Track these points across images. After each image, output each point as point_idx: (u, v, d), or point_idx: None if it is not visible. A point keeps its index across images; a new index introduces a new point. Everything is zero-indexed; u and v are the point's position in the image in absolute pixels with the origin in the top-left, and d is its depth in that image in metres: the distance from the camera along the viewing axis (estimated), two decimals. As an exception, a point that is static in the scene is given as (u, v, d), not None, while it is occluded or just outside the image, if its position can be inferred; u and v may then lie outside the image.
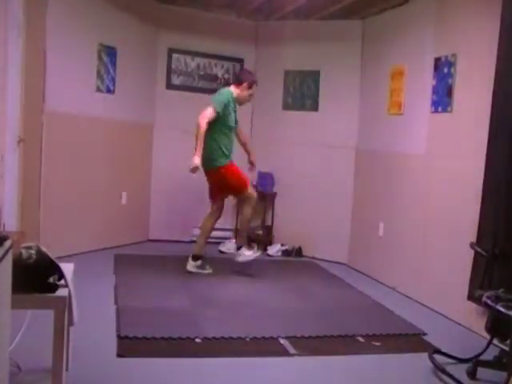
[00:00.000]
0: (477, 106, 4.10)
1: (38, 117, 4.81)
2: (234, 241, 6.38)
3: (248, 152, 5.52)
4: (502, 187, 3.73)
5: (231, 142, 5.16)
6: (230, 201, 6.63)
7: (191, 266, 5.12)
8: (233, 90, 5.11)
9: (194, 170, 4.80)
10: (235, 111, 5.12)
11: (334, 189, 6.11)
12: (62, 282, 2.47)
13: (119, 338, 3.35)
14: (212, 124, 4.90)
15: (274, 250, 6.28)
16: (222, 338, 3.50)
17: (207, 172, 5.10)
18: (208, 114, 4.85)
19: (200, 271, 5.10)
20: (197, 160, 4.77)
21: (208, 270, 5.14)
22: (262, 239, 6.38)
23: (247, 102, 5.33)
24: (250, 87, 5.13)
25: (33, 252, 2.38)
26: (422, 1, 4.96)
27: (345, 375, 3.19)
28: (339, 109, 6.10)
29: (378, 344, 3.63)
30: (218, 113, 4.89)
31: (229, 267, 5.32)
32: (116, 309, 3.89)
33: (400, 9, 5.29)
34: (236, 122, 5.17)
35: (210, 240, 6.46)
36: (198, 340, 3.44)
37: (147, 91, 6.24)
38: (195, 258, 5.15)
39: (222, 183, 5.13)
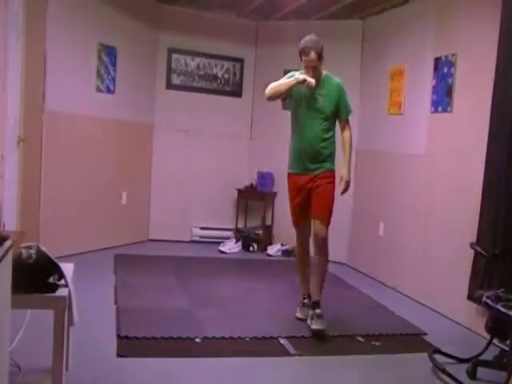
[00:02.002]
0: (477, 106, 4.10)
1: (38, 117, 4.81)
2: (234, 240, 6.39)
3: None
4: (501, 187, 3.73)
5: (305, 140, 3.89)
6: (230, 199, 6.65)
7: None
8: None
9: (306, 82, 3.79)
10: (315, 96, 3.91)
11: (333, 189, 6.10)
12: (62, 281, 2.47)
13: (119, 337, 3.35)
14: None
15: (274, 249, 6.28)
16: (222, 337, 3.50)
17: None
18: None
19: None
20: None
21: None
22: (262, 239, 6.38)
23: (310, 75, 3.92)
24: (301, 58, 3.97)
25: (33, 252, 2.38)
26: (422, 1, 4.96)
27: (345, 375, 3.19)
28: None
29: (377, 344, 3.63)
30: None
31: (229, 267, 5.31)
32: (116, 309, 3.89)
33: (400, 9, 5.29)
34: (321, 111, 3.87)
35: (209, 240, 6.50)
36: (197, 340, 3.44)
37: (147, 91, 6.24)
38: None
39: None
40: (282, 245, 6.30)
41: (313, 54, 3.89)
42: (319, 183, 3.84)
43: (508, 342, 2.95)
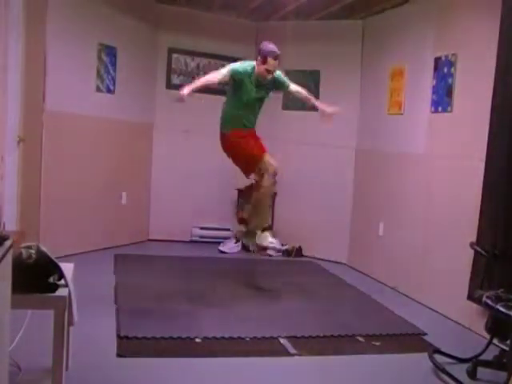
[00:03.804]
0: (477, 106, 4.10)
1: (38, 116, 4.81)
2: (234, 241, 6.39)
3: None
4: (501, 187, 3.73)
5: (246, 115, 4.63)
6: (230, 199, 6.64)
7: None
8: (254, 63, 4.50)
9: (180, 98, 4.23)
10: (258, 91, 4.51)
11: (333, 189, 6.11)
12: (62, 281, 2.47)
13: (119, 337, 3.35)
14: (229, 90, 4.59)
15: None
16: (222, 337, 3.50)
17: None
18: (219, 72, 4.41)
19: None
20: (185, 90, 4.21)
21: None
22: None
23: (265, 77, 4.46)
24: (263, 61, 4.38)
25: (33, 252, 2.38)
26: (422, 1, 4.96)
27: (345, 375, 3.19)
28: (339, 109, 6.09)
29: (377, 344, 3.63)
30: (227, 75, 4.38)
31: (229, 267, 5.31)
32: (116, 309, 3.89)
33: (400, 9, 5.29)
34: (255, 100, 4.56)
35: (209, 240, 6.50)
36: (197, 340, 3.44)
37: (147, 91, 6.23)
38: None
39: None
40: (282, 245, 6.30)
41: (277, 62, 4.45)
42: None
43: (508, 341, 2.96)
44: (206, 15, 6.41)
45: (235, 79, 4.44)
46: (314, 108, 4.83)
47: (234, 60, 6.55)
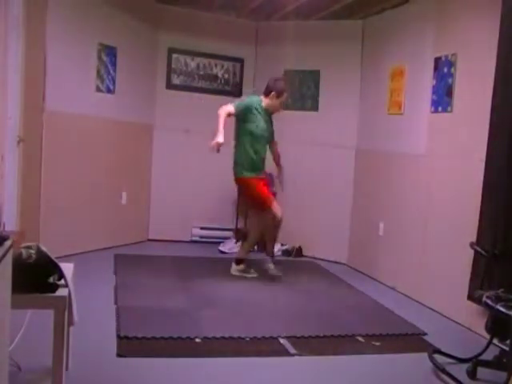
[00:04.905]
0: (477, 106, 4.10)
1: (38, 117, 4.81)
2: (234, 240, 6.39)
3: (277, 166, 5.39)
4: (501, 187, 3.73)
5: (259, 153, 5.03)
6: (230, 199, 6.65)
7: (234, 269, 5.15)
8: (262, 98, 5.01)
9: (216, 145, 4.69)
10: (266, 121, 5.02)
11: (333, 189, 6.11)
12: (62, 281, 2.47)
13: (119, 337, 3.35)
14: (240, 126, 4.96)
15: (274, 249, 6.26)
16: (222, 337, 3.50)
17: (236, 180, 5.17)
18: (226, 107, 4.84)
19: (243, 275, 5.11)
20: (220, 138, 4.67)
21: (252, 274, 5.13)
22: (262, 239, 6.37)
23: (279, 110, 5.13)
24: (278, 96, 4.98)
25: (33, 252, 2.38)
26: (422, 1, 4.96)
27: (345, 375, 3.19)
28: (339, 109, 6.10)
29: (377, 344, 3.63)
30: (236, 109, 4.85)
31: (229, 267, 5.30)
32: (116, 309, 3.89)
33: (400, 9, 5.29)
34: (268, 133, 5.06)
35: (209, 240, 6.50)
36: (197, 340, 3.44)
37: (147, 91, 6.23)
38: (238, 261, 5.16)
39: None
40: (281, 245, 6.30)
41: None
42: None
43: (508, 341, 2.96)
44: (206, 15, 6.41)
45: (247, 109, 4.89)
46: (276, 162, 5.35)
47: (234, 60, 6.62)
